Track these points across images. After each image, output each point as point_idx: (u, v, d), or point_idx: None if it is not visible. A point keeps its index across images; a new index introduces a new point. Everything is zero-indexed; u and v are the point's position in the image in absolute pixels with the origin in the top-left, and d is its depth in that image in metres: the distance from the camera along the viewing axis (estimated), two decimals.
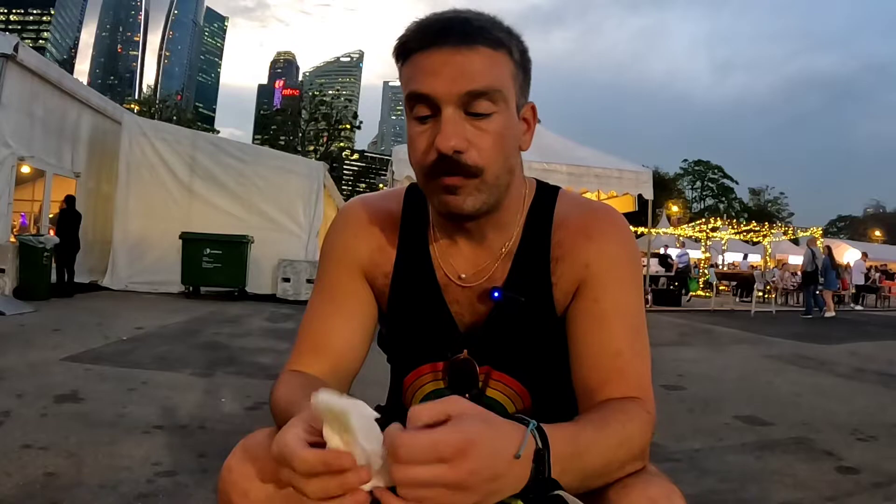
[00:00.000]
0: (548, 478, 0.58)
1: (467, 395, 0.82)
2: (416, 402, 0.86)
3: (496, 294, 0.81)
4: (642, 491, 0.64)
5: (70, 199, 8.39)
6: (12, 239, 7.75)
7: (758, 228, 18.22)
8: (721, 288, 15.83)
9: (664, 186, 51.66)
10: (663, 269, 15.80)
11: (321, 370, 0.82)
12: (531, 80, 0.78)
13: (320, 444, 0.55)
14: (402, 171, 8.82)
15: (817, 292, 11.63)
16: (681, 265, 15.76)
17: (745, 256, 23.20)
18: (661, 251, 17.44)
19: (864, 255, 18.75)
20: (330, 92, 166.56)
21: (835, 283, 12.07)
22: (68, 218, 8.24)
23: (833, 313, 11.50)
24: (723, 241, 20.44)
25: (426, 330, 0.85)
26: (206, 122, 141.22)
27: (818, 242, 18.54)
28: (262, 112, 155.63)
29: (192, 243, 8.92)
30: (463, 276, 0.83)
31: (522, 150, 0.78)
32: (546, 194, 0.86)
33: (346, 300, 0.85)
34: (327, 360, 0.83)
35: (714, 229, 18.83)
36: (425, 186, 0.76)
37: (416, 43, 0.71)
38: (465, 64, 0.69)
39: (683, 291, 14.99)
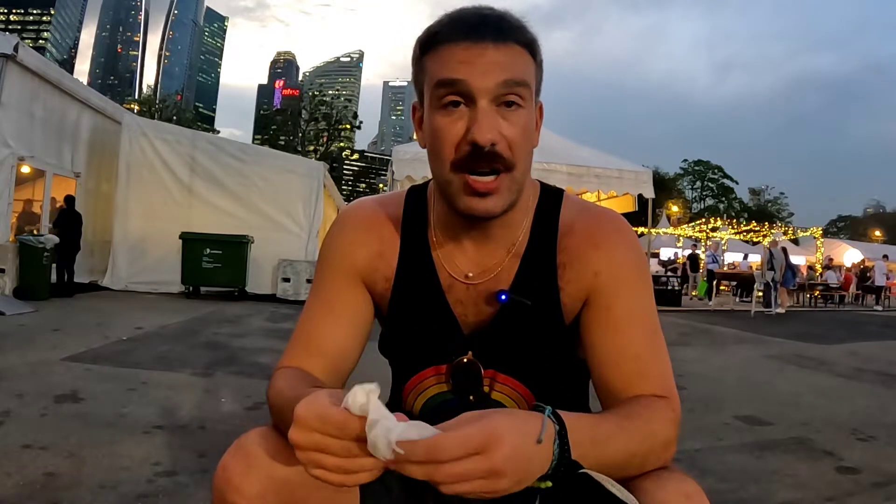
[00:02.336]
0: (571, 458, 0.61)
1: (472, 398, 0.82)
2: (418, 406, 0.86)
3: (503, 297, 0.80)
4: (678, 486, 0.65)
5: (70, 199, 8.39)
6: (12, 239, 7.76)
7: (758, 228, 18.24)
8: (721, 288, 15.82)
9: (664, 186, 51.63)
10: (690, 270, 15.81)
11: (313, 369, 0.81)
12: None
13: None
14: (403, 171, 8.83)
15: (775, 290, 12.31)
16: (710, 266, 15.39)
17: (746, 256, 23.18)
18: (692, 251, 17.44)
19: (885, 256, 18.72)
20: (330, 92, 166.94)
21: (791, 281, 12.93)
22: (68, 218, 8.24)
23: (783, 310, 12.21)
24: (723, 241, 20.44)
25: (429, 332, 0.84)
26: (206, 122, 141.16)
27: (818, 242, 18.72)
28: (262, 112, 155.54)
29: (192, 243, 8.92)
30: (470, 274, 0.83)
31: (534, 146, 0.79)
32: (551, 197, 0.86)
33: (341, 306, 0.84)
34: (319, 360, 0.82)
35: (714, 229, 18.83)
36: (449, 181, 0.74)
37: (450, 34, 0.72)
38: (498, 57, 0.71)
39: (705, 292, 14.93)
